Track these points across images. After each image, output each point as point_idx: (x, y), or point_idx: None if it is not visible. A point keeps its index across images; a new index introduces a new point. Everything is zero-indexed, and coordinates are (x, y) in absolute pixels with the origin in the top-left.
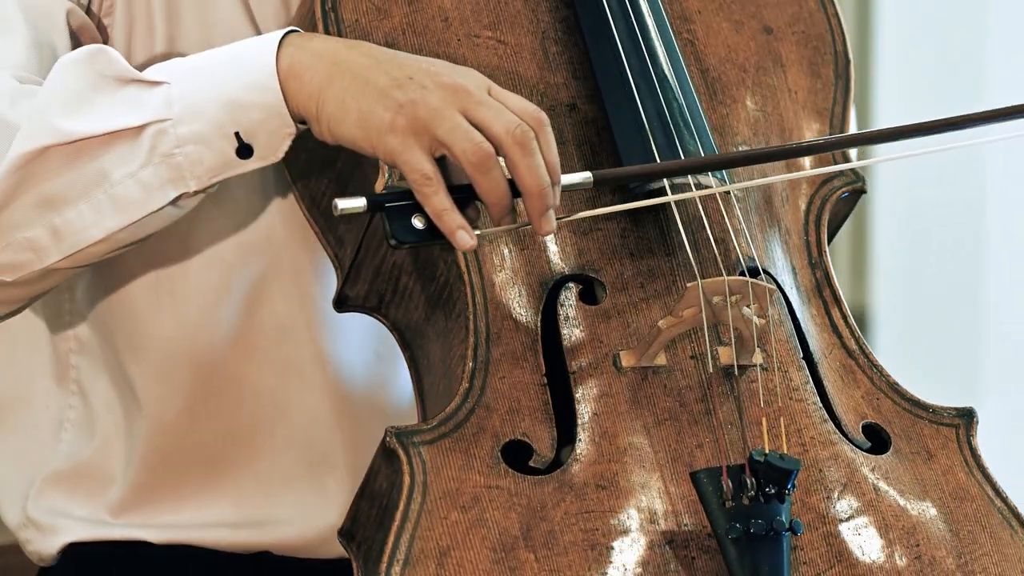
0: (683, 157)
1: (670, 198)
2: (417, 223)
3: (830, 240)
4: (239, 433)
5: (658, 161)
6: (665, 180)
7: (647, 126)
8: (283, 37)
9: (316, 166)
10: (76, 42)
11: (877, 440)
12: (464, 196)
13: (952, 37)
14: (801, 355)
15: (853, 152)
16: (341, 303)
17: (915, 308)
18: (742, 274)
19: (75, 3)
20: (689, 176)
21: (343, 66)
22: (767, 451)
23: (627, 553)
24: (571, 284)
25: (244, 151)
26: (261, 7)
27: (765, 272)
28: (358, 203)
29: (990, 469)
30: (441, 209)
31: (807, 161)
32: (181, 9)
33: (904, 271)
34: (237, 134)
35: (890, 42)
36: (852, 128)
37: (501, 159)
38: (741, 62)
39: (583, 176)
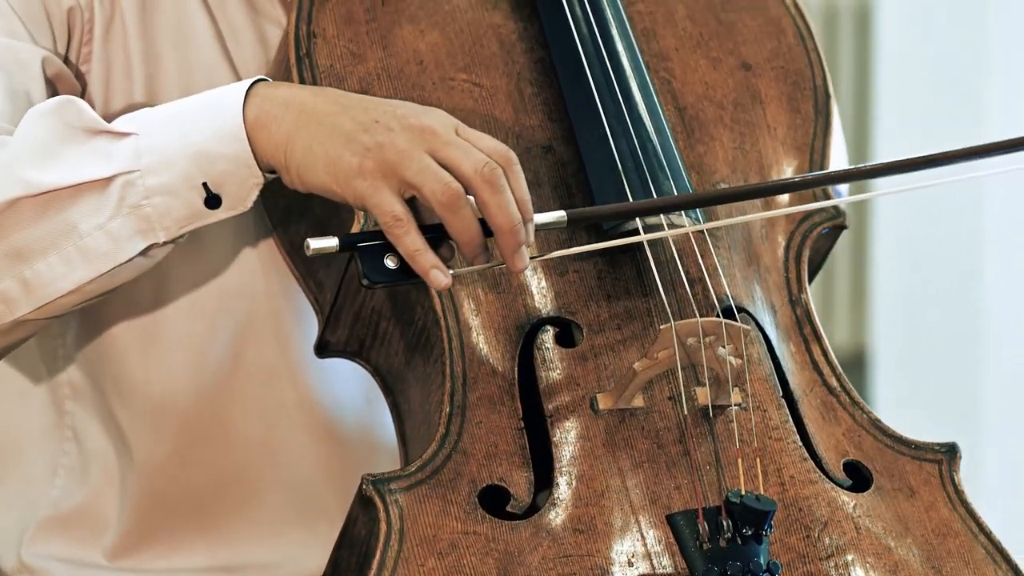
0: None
1: (642, 237)
2: (390, 263)
3: (812, 277)
4: (228, 479)
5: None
6: (638, 221)
7: (620, 167)
8: (251, 87)
9: (295, 212)
10: (52, 90)
11: (858, 477)
12: (436, 236)
13: (952, 69)
14: (781, 393)
15: (844, 188)
16: (322, 348)
17: (915, 345)
18: (718, 314)
19: (51, 52)
20: (662, 216)
21: (309, 114)
22: (744, 492)
23: None
24: (548, 327)
25: (212, 201)
26: (240, 51)
27: (743, 311)
28: (330, 243)
29: (973, 504)
30: (414, 250)
31: (785, 197)
32: (160, 52)
33: (903, 309)
34: (205, 185)
35: (890, 74)
36: (832, 164)
37: (472, 198)
38: (719, 99)
39: (557, 215)
